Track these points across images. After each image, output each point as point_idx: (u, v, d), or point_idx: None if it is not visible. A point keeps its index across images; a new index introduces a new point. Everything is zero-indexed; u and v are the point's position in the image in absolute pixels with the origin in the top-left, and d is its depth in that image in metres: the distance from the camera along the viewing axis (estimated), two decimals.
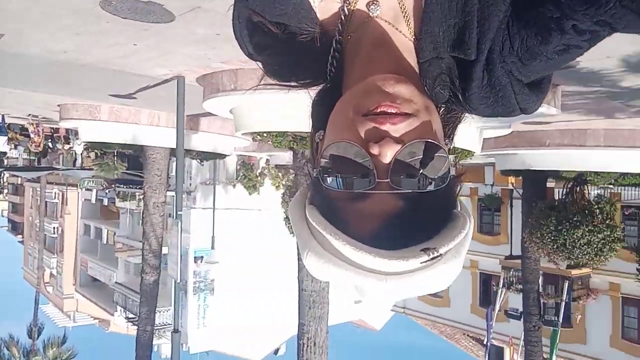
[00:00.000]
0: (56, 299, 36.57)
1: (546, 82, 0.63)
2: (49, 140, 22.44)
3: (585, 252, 11.18)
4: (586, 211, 11.28)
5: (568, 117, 8.58)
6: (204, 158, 14.36)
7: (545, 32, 0.53)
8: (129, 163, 19.86)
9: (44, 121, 16.35)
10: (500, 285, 19.06)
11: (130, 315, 25.88)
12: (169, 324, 22.49)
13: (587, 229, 11.01)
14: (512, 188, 18.38)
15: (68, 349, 21.35)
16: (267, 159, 22.11)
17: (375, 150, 0.54)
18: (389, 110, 0.55)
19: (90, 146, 14.75)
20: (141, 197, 15.87)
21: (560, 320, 16.88)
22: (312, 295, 9.20)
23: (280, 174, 21.87)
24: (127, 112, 10.50)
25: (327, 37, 0.66)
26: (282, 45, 0.68)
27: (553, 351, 15.74)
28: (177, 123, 8.44)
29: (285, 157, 17.39)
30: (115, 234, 31.73)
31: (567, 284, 17.69)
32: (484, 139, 8.94)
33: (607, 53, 5.40)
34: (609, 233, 11.08)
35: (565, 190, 12.18)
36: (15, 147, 23.22)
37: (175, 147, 9.02)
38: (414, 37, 0.63)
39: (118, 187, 27.04)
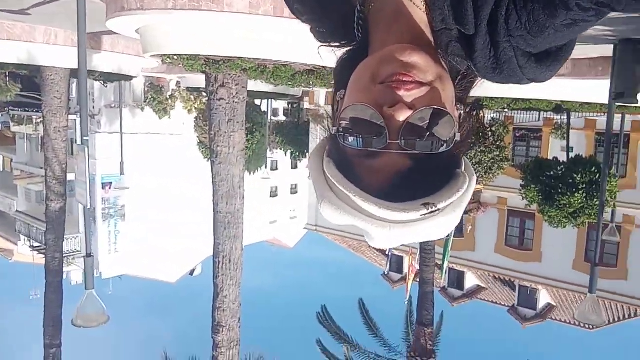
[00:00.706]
0: None
1: (564, 51, 0.64)
2: None
3: (476, 171, 12.37)
4: (480, 134, 12.31)
5: None
6: (108, 79, 13.55)
7: (552, 7, 0.55)
8: (23, 84, 18.18)
9: None
10: None
11: (36, 244, 24.89)
12: (78, 251, 22.00)
13: (479, 150, 12.11)
14: None
15: None
16: (177, 82, 21.21)
17: (389, 113, 0.60)
18: (404, 79, 0.61)
19: None
20: (39, 121, 14.82)
21: (453, 231, 18.81)
22: (227, 216, 9.49)
23: (192, 97, 21.19)
24: (21, 29, 9.55)
25: (352, 6, 0.73)
26: (316, 13, 0.78)
27: (445, 257, 17.46)
28: (78, 41, 7.87)
29: (197, 79, 16.86)
30: (12, 160, 29.58)
31: None
32: None
33: None
34: (498, 153, 12.28)
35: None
36: None
37: (76, 67, 8.47)
38: (428, 8, 0.68)
39: (12, 110, 24.80)
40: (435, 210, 0.61)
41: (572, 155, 13.50)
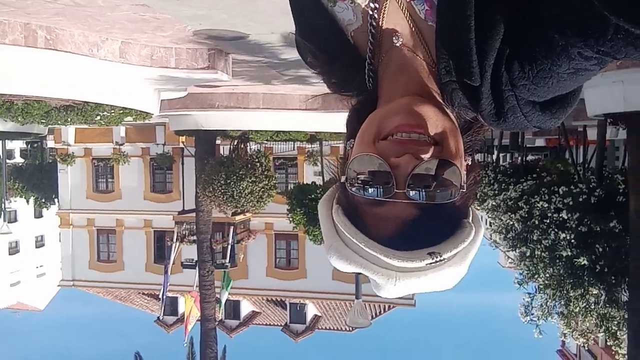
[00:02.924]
0: None
1: (570, 99, 0.65)
2: None
3: (249, 200, 12.87)
4: (249, 165, 12.87)
5: (235, 82, 9.52)
6: None
7: (554, 57, 0.56)
8: None
9: None
10: (175, 240, 19.88)
11: None
12: None
13: (250, 181, 12.64)
14: (184, 147, 19.08)
15: None
16: None
17: (396, 163, 0.62)
18: (412, 130, 0.63)
19: None
20: None
21: (229, 262, 19.01)
22: None
23: None
24: None
25: (363, 60, 0.75)
26: (328, 66, 0.80)
27: (226, 289, 17.48)
28: None
29: None
30: None
31: (232, 229, 19.91)
32: (161, 100, 9.06)
33: (273, 29, 6.29)
34: (267, 182, 13.00)
35: (231, 147, 13.52)
36: None
37: None
38: (432, 62, 0.70)
39: None
40: (441, 260, 0.63)
41: (326, 178, 15.12)
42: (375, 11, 0.72)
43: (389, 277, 0.64)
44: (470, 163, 0.71)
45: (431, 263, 0.62)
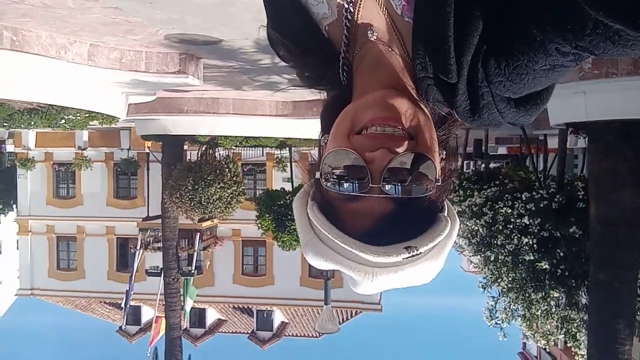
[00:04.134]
0: None
1: (543, 96, 0.65)
2: None
3: (217, 206, 12.73)
4: (217, 170, 12.74)
5: (205, 87, 9.45)
6: None
7: (531, 53, 0.55)
8: None
9: None
10: (138, 247, 19.45)
11: None
12: None
13: (218, 186, 12.51)
14: (149, 152, 18.71)
15: None
16: None
17: (370, 158, 0.61)
18: (387, 124, 0.63)
19: None
20: None
21: (194, 270, 18.71)
22: None
23: None
24: None
25: (337, 54, 0.75)
26: (301, 60, 0.79)
27: (185, 298, 17.16)
28: None
29: None
30: None
31: (198, 235, 19.64)
32: (128, 104, 8.91)
33: (246, 35, 6.29)
34: (235, 188, 12.90)
35: (199, 152, 13.37)
36: None
37: None
38: (408, 57, 0.69)
39: None
40: (418, 254, 0.62)
41: (295, 184, 15.13)
42: (351, 5, 0.71)
43: (366, 273, 0.63)
44: (444, 157, 0.71)
45: (408, 257, 0.61)
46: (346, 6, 0.72)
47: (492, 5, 0.58)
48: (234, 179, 12.94)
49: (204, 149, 13.30)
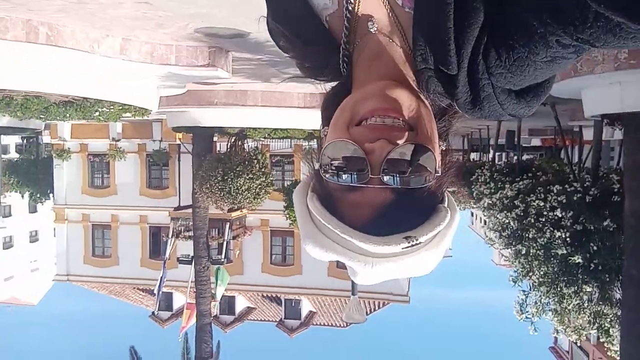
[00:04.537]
0: None
1: (544, 88, 0.65)
2: None
3: (246, 197, 12.87)
4: (246, 162, 12.88)
5: (234, 80, 9.54)
6: None
7: (532, 44, 0.55)
8: None
9: None
10: (170, 235, 19.89)
11: None
12: None
13: (247, 177, 12.65)
14: (180, 143, 19.05)
15: None
16: None
17: (370, 149, 0.61)
18: (386, 115, 0.63)
19: None
20: None
21: (225, 258, 19.04)
22: None
23: None
24: None
25: (337, 45, 0.75)
26: (301, 50, 0.79)
27: (217, 285, 17.47)
28: None
29: None
30: None
31: (227, 225, 19.94)
32: (160, 97, 9.08)
33: None
34: (264, 179, 13.02)
35: (229, 144, 13.53)
36: None
37: None
38: (409, 48, 0.69)
39: None
40: (417, 244, 0.62)
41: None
42: None
43: (365, 262, 0.63)
44: (444, 148, 0.71)
45: (407, 247, 0.62)
46: None
47: None
48: (263, 170, 13.05)
49: (233, 140, 13.45)
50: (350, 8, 0.71)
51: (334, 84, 0.79)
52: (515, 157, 15.05)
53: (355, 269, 0.66)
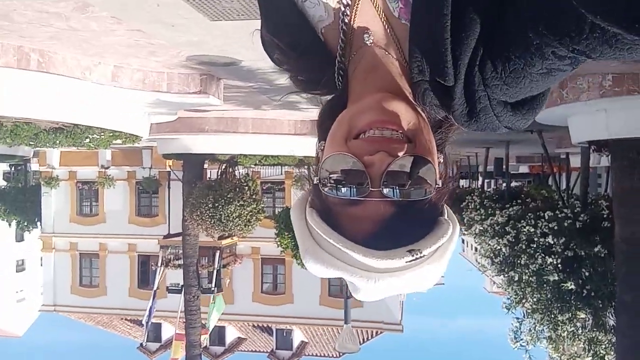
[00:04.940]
0: None
1: (539, 100, 0.65)
2: None
3: (237, 224, 12.77)
4: (237, 189, 12.84)
5: (225, 107, 9.60)
6: None
7: (528, 56, 0.55)
8: None
9: None
10: (159, 264, 19.60)
11: None
12: None
13: (238, 204, 12.58)
14: (170, 170, 18.98)
15: None
16: None
17: (370, 162, 0.61)
18: (383, 130, 0.62)
19: None
20: None
21: (215, 287, 18.73)
22: None
23: None
24: None
25: (333, 58, 0.74)
26: (296, 63, 0.78)
27: (211, 313, 17.12)
28: None
29: None
30: None
31: (217, 253, 19.70)
32: (150, 124, 9.08)
33: (264, 56, 6.37)
34: (255, 206, 12.96)
35: (219, 171, 13.50)
36: None
37: None
38: (405, 61, 0.69)
39: None
40: (421, 257, 0.61)
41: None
42: (347, 8, 0.71)
43: (368, 278, 0.62)
44: (442, 160, 0.71)
45: (411, 260, 0.61)
46: (343, 9, 0.71)
47: (489, 9, 0.58)
48: (253, 197, 13.01)
49: (224, 167, 13.43)
50: (346, 20, 0.71)
51: (329, 97, 0.79)
52: (504, 184, 15.17)
53: (357, 284, 0.65)
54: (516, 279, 8.63)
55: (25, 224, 20.03)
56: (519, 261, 8.52)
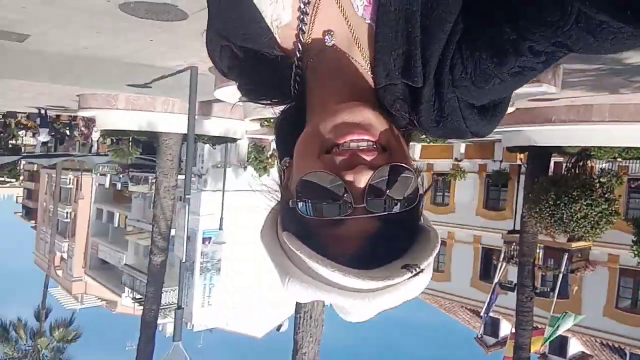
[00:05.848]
0: (65, 282, 36.72)
1: (501, 107, 0.63)
2: (67, 128, 22.62)
3: (581, 226, 11.25)
4: (586, 185, 11.44)
5: (573, 94, 8.78)
6: (216, 142, 14.58)
7: (501, 54, 0.53)
8: (143, 148, 19.75)
9: (61, 110, 16.49)
10: (501, 259, 19.49)
11: (138, 296, 26.15)
12: (174, 304, 22.93)
13: (585, 203, 11.10)
14: (521, 164, 18.49)
15: (74, 329, 21.52)
16: None
17: (350, 177, 0.56)
18: (360, 142, 0.58)
19: (106, 134, 14.71)
20: (153, 180, 16.11)
21: (556, 292, 17.32)
22: None
23: None
24: (143, 100, 10.86)
25: (289, 62, 0.68)
26: (249, 68, 0.71)
27: (554, 327, 15.93)
28: (189, 110, 8.72)
29: None
30: (126, 217, 31.74)
31: (565, 256, 18.11)
32: None
33: None
34: (606, 207, 11.21)
35: (567, 165, 12.38)
36: (33, 135, 23.49)
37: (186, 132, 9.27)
38: (369, 64, 0.64)
39: (132, 172, 27.12)
40: (420, 271, 0.57)
41: None
42: (308, 6, 0.65)
43: (362, 299, 0.58)
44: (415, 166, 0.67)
45: (411, 277, 0.57)
46: (302, 7, 0.66)
47: (462, 4, 0.56)
48: (606, 195, 11.42)
49: (573, 161, 12.24)
50: (305, 20, 0.66)
51: (282, 107, 0.74)
52: None
53: (347, 307, 0.62)
54: None
55: None
56: None
